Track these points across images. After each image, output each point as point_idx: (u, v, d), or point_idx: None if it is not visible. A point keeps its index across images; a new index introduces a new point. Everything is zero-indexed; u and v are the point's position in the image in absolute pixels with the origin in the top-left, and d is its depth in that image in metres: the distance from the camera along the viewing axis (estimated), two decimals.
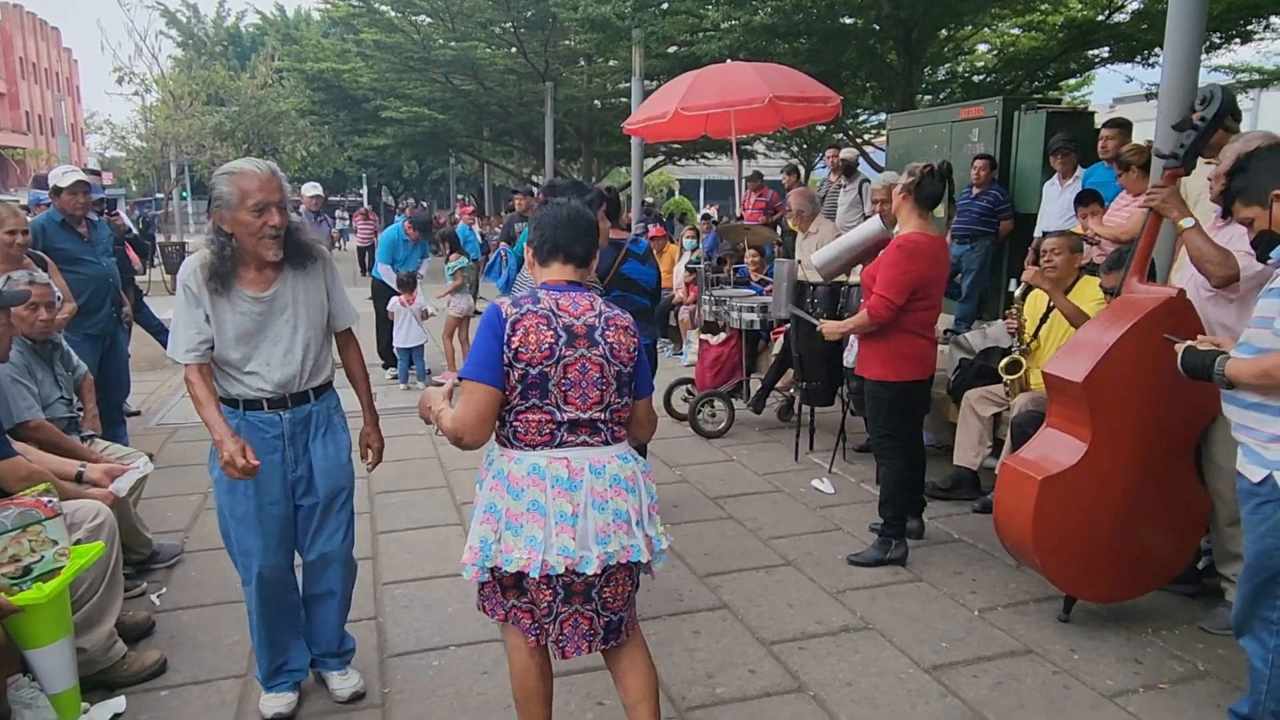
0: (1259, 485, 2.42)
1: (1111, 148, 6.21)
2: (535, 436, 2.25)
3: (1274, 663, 2.43)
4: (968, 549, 4.33)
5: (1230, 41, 12.40)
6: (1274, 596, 2.41)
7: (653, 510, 2.39)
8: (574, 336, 2.23)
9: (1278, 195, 2.43)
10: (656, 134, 7.72)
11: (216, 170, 2.64)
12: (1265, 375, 2.34)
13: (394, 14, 19.31)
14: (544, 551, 2.20)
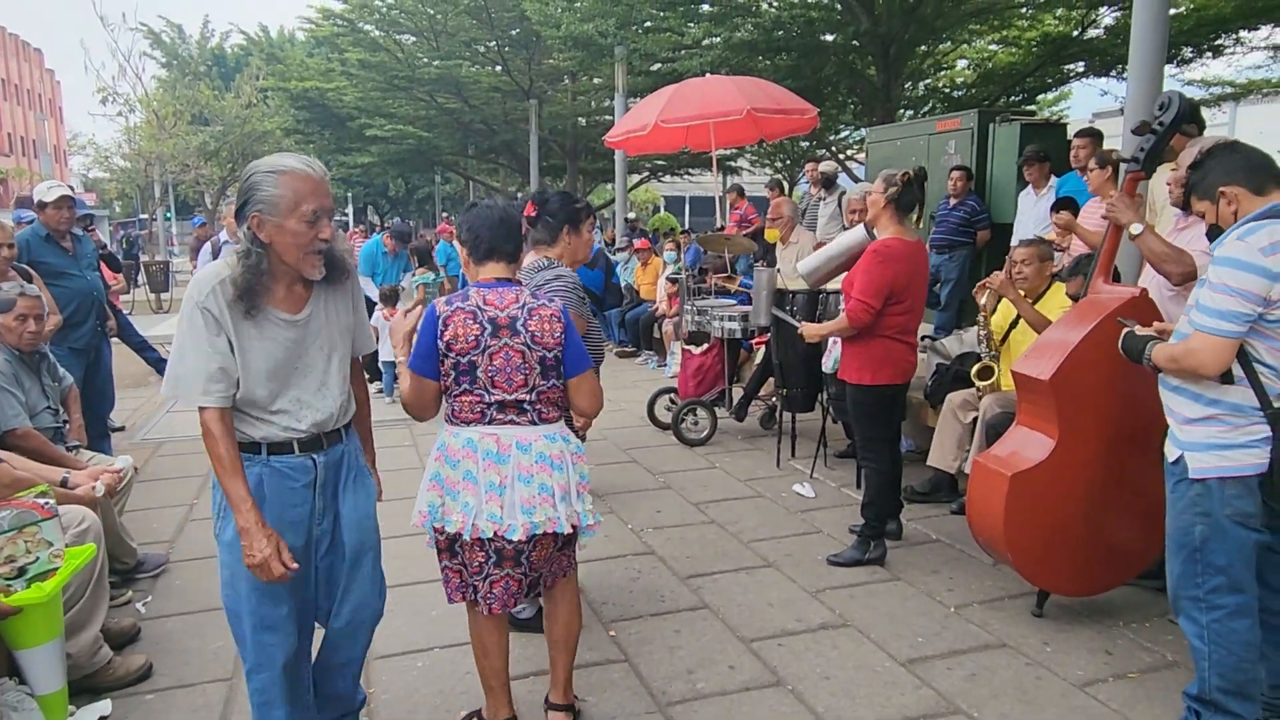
0: (1174, 464, 2.55)
1: (1083, 157, 6.33)
2: (469, 414, 2.52)
3: (1209, 639, 2.51)
4: (945, 549, 4.40)
5: (1201, 55, 12.67)
6: (1196, 574, 2.51)
7: (582, 489, 2.62)
8: (498, 328, 2.49)
9: (1223, 192, 2.52)
10: (637, 146, 7.83)
11: (256, 167, 2.22)
12: (1171, 361, 2.49)
13: (378, 33, 19.48)
14: (474, 516, 2.47)
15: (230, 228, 6.86)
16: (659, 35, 13.30)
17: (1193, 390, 2.50)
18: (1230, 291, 2.34)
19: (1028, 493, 3.35)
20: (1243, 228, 2.40)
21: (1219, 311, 2.37)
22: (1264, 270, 2.32)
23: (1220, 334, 2.37)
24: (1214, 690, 2.52)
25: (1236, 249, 2.36)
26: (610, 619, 3.67)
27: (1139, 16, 4.78)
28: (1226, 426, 2.44)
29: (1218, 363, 2.40)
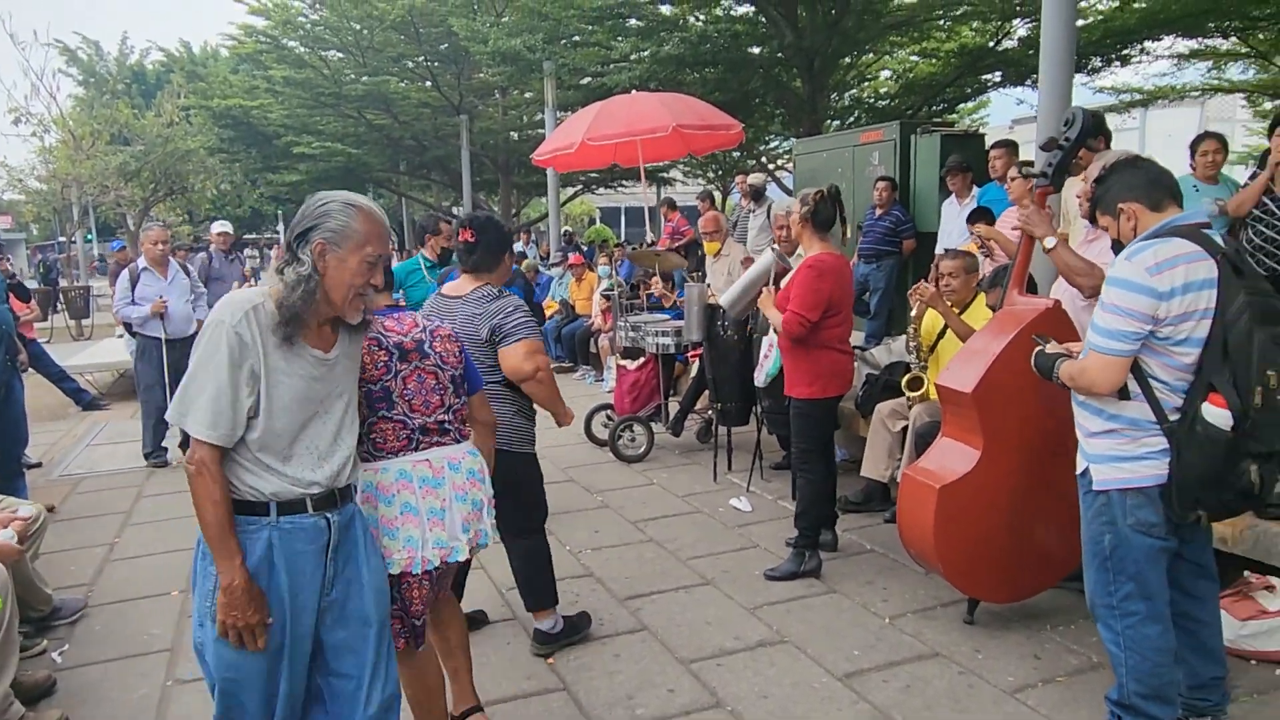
0: (1081, 476, 2.63)
1: (1000, 167, 6.53)
2: (394, 443, 2.48)
3: (1124, 645, 2.58)
4: (879, 559, 4.46)
5: (1110, 65, 13.15)
6: (1108, 582, 2.58)
7: (490, 503, 2.67)
8: (406, 352, 2.48)
9: (1123, 208, 2.59)
10: (565, 164, 7.82)
11: (331, 196, 2.13)
12: (1069, 379, 2.57)
13: (303, 50, 19.16)
14: (421, 548, 2.43)
15: (150, 254, 6.62)
16: (587, 50, 13.33)
17: (1094, 405, 2.57)
18: (1119, 311, 2.40)
19: (955, 504, 3.41)
20: (1132, 247, 2.47)
21: (1109, 331, 2.43)
22: (1150, 290, 2.37)
23: (1111, 353, 2.43)
24: (1132, 695, 2.58)
25: (1124, 269, 2.42)
26: None
27: (1047, 29, 4.93)
28: (1125, 439, 2.51)
29: (1109, 381, 2.46)
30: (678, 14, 13.19)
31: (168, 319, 6.53)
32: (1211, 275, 2.38)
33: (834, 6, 12.14)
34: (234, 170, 26.22)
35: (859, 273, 7.96)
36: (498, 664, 3.49)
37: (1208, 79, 16.53)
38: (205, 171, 25.59)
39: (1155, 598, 2.56)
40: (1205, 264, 2.38)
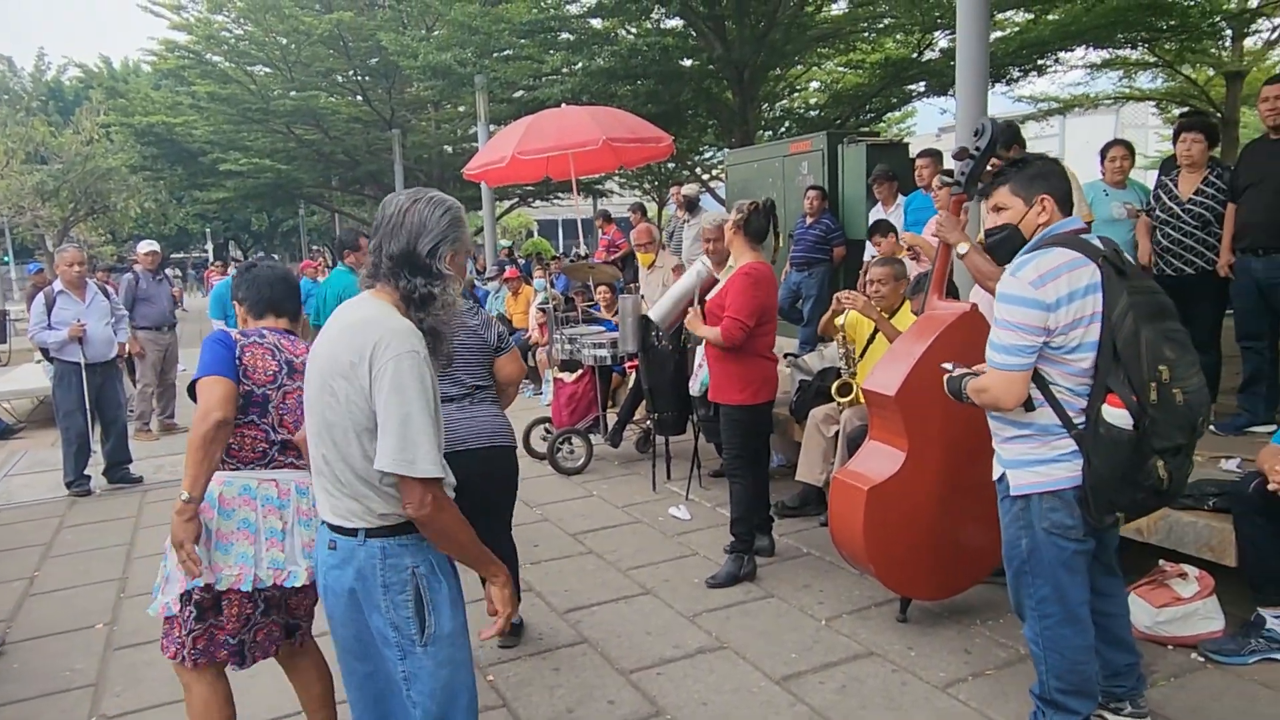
0: (998, 482, 2.67)
1: (926, 176, 6.71)
2: (249, 453, 2.50)
3: (1043, 644, 2.65)
4: (816, 561, 4.53)
5: (1027, 75, 13.61)
6: (1028, 585, 2.64)
7: None
8: (294, 370, 2.52)
9: (1044, 199, 2.58)
10: (497, 178, 7.81)
11: (452, 200, 2.05)
12: (976, 394, 2.59)
13: (228, 65, 18.76)
14: (255, 566, 2.43)
15: (66, 276, 6.40)
16: (518, 64, 13.32)
17: (1005, 415, 2.60)
18: (1011, 327, 2.44)
19: (883, 505, 3.49)
20: (1015, 262, 2.51)
21: (1004, 347, 2.46)
22: (1037, 302, 2.41)
23: (1009, 368, 2.46)
24: (1053, 690, 2.66)
25: (1010, 285, 2.46)
26: (488, 663, 3.60)
27: (963, 42, 5.10)
28: (1037, 443, 2.55)
29: (1011, 396, 2.49)
30: (608, 28, 13.28)
31: (86, 343, 6.33)
32: (1095, 280, 2.42)
33: (762, 20, 12.35)
34: (158, 188, 25.58)
35: (792, 280, 8.09)
36: None
37: (1119, 87, 17.23)
38: (128, 190, 24.93)
39: (1071, 600, 2.61)
40: (1087, 269, 2.42)
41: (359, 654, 2.10)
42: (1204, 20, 12.55)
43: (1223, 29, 13.55)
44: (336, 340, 1.98)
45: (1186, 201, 4.94)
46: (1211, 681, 3.17)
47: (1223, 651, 3.28)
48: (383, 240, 2.00)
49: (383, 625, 1.99)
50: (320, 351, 2.02)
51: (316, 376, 2.01)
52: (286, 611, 2.62)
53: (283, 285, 2.74)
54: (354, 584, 2.00)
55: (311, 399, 2.03)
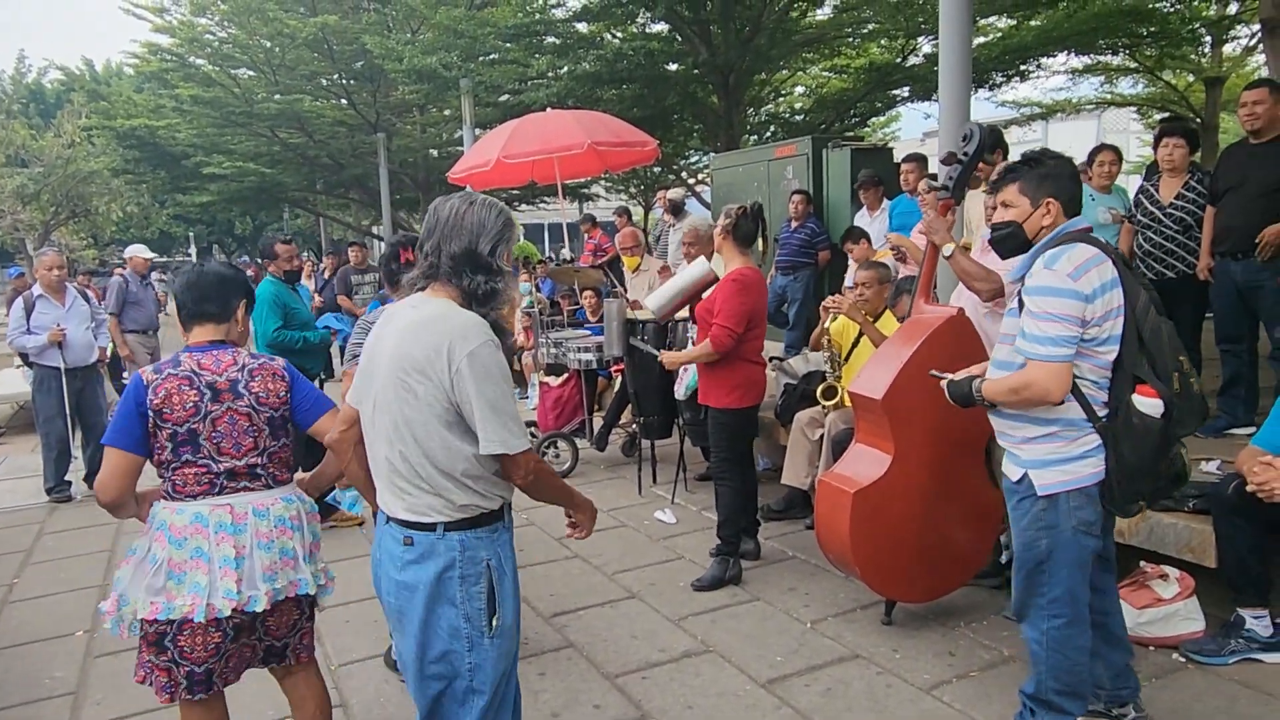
0: (1017, 483, 2.66)
1: (912, 180, 6.75)
2: (195, 487, 2.40)
3: (1047, 644, 2.66)
4: (801, 564, 4.54)
5: (1010, 80, 13.71)
6: (1041, 584, 2.65)
7: (316, 548, 2.59)
8: (218, 392, 2.40)
9: (1049, 202, 2.61)
10: (482, 182, 7.79)
11: (491, 204, 2.16)
12: (1012, 393, 2.56)
13: (211, 68, 18.61)
14: (209, 595, 2.33)
15: (45, 280, 6.34)
16: (504, 67, 13.30)
17: (1033, 414, 2.58)
18: (1055, 318, 2.44)
19: (869, 507, 3.50)
20: (1047, 255, 2.51)
21: (1050, 338, 2.45)
22: (1076, 293, 2.44)
23: (1055, 359, 2.46)
24: (1049, 691, 2.67)
25: (1048, 278, 2.47)
26: None
27: (945, 47, 5.11)
28: (1064, 441, 2.55)
29: (1060, 387, 2.48)
30: (594, 32, 13.28)
31: (66, 347, 6.27)
32: (1114, 275, 2.49)
33: (747, 24, 12.38)
34: (140, 191, 25.34)
35: (777, 284, 8.11)
36: None
37: (1101, 93, 17.39)
38: (110, 193, 24.70)
39: (1080, 600, 2.64)
40: (1107, 264, 2.49)
41: (424, 645, 2.11)
42: (1184, 27, 12.69)
43: (1202, 35, 13.71)
44: (405, 340, 2.05)
45: (1168, 206, 4.99)
46: (1192, 682, 3.20)
47: (1203, 652, 3.31)
48: (440, 241, 2.10)
49: (455, 618, 2.08)
50: (385, 352, 2.09)
51: (387, 377, 2.07)
52: (266, 633, 2.52)
53: (194, 290, 2.51)
54: (431, 578, 2.07)
55: (384, 400, 2.08)
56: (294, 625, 2.57)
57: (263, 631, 2.51)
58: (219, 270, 2.60)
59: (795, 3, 12.46)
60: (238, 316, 2.58)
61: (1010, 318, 2.64)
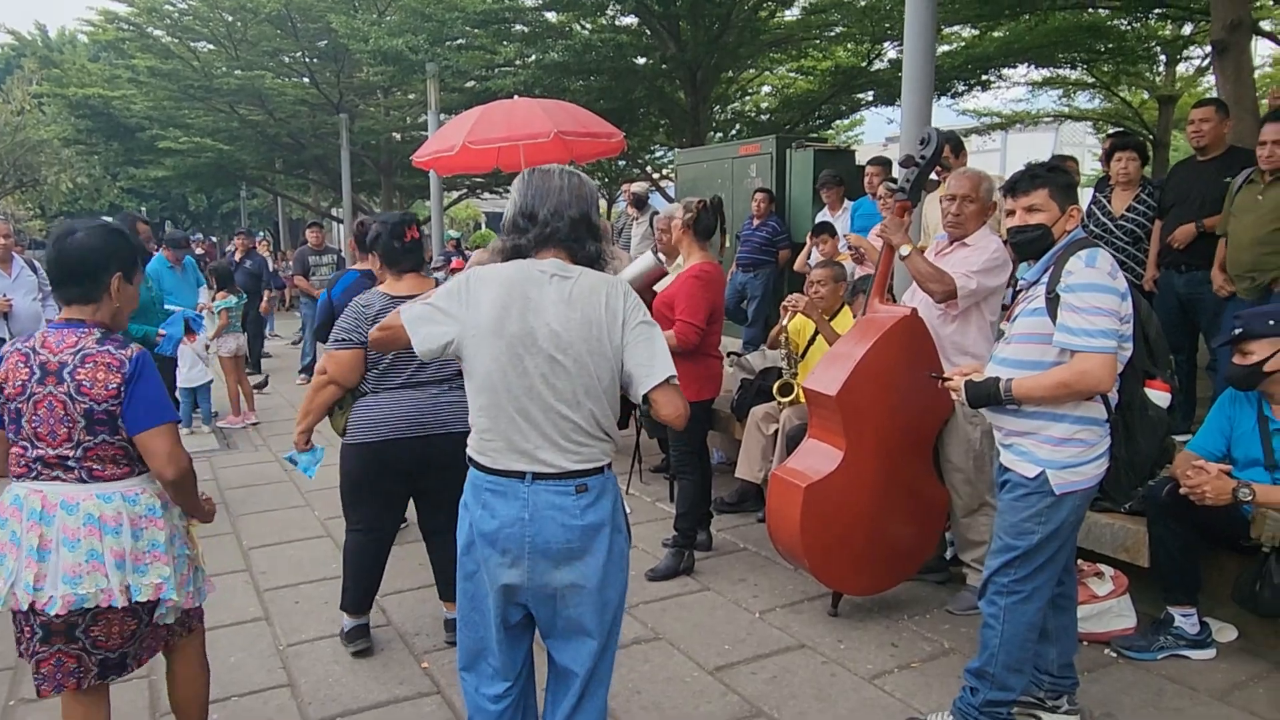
0: (1031, 479, 2.69)
1: (875, 183, 6.85)
2: (17, 468, 2.31)
3: (1004, 620, 2.75)
4: (752, 556, 4.61)
5: (972, 89, 13.95)
6: (1015, 567, 2.74)
7: (145, 559, 2.33)
8: (46, 374, 2.25)
9: (1074, 211, 2.71)
10: (446, 167, 7.75)
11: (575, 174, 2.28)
12: (1061, 386, 2.58)
13: (170, 40, 18.21)
14: (12, 584, 2.24)
15: None
16: (471, 53, 13.21)
17: (1056, 411, 2.65)
18: (1103, 312, 2.52)
19: (820, 502, 3.57)
20: (1082, 255, 2.59)
21: (1101, 331, 2.52)
22: (1115, 290, 2.55)
23: (1107, 350, 2.53)
24: (999, 665, 2.76)
25: (1092, 275, 2.55)
26: (423, 650, 3.61)
27: (909, 53, 5.20)
28: (1084, 446, 2.64)
29: (1111, 377, 2.56)
30: (563, 22, 13.24)
31: (12, 318, 6.11)
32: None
33: (716, 22, 12.44)
34: (92, 163, 24.71)
35: (737, 281, 8.18)
36: (369, 669, 3.45)
37: (1059, 106, 17.76)
38: (60, 163, 24.02)
39: (1048, 583, 2.76)
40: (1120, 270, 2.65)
41: (606, 575, 2.21)
42: (1140, 45, 13.02)
43: (1157, 54, 14.07)
44: (582, 303, 2.13)
45: (1119, 218, 5.14)
46: (1122, 675, 3.32)
47: (1134, 648, 3.44)
48: (559, 208, 2.18)
49: (623, 543, 2.27)
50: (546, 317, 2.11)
51: (575, 343, 2.11)
52: (93, 645, 2.30)
53: (72, 264, 2.29)
54: (608, 515, 2.19)
55: (563, 364, 2.11)
56: (132, 635, 2.37)
57: (89, 643, 2.30)
58: (84, 243, 2.30)
59: (764, 2, 12.55)
60: (111, 292, 2.33)
61: (1033, 318, 2.67)
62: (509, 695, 2.30)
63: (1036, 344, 2.66)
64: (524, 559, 2.15)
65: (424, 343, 2.15)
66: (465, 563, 2.26)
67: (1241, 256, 4.40)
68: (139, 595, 2.29)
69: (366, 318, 3.30)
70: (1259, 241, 4.31)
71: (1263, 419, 3.25)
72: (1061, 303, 2.57)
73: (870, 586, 3.85)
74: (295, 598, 4.14)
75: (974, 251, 3.63)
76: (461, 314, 2.14)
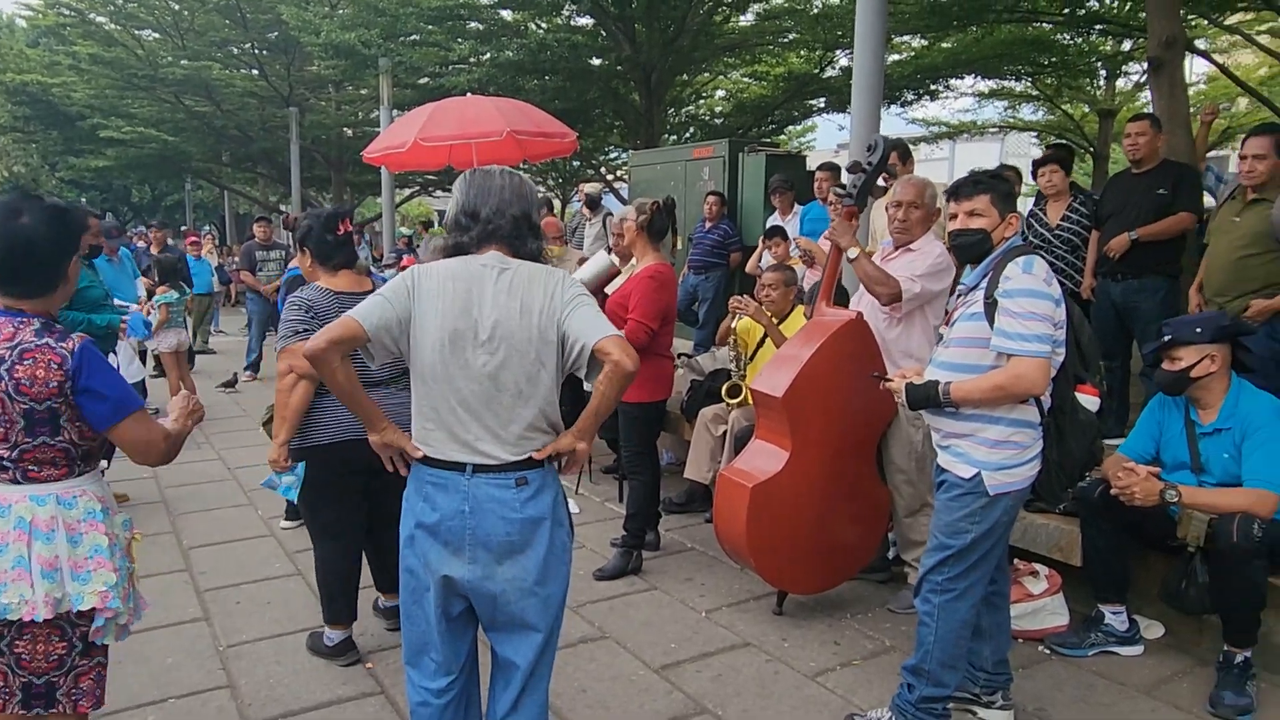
0: (966, 480, 2.75)
1: (825, 188, 6.94)
2: None
3: (939, 616, 2.82)
4: (699, 556, 4.65)
5: (921, 98, 14.22)
6: (949, 566, 2.80)
7: (86, 565, 2.16)
8: None
9: (1013, 218, 2.79)
10: (398, 164, 7.68)
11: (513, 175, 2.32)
12: (997, 389, 2.65)
13: (114, 27, 17.76)
14: None
15: None
16: (426, 49, 13.10)
17: (991, 414, 2.71)
18: (1038, 317, 2.59)
19: (766, 502, 3.62)
20: (1019, 261, 2.66)
21: (1036, 336, 2.59)
22: (1049, 296, 2.62)
23: (1042, 355, 2.59)
24: (934, 661, 2.82)
25: (1027, 280, 2.62)
26: (367, 650, 3.57)
27: (859, 62, 5.31)
28: (1019, 448, 2.71)
29: (1045, 380, 2.63)
30: (518, 21, 13.21)
31: None
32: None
33: (671, 25, 12.51)
34: (29, 151, 24.06)
35: (689, 283, 8.24)
36: (312, 669, 3.41)
37: (1005, 117, 18.18)
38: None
39: (979, 581, 2.82)
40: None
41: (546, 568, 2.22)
42: (1081, 59, 13.39)
43: (1098, 69, 14.48)
44: (528, 295, 2.16)
45: (1055, 228, 5.29)
46: (1055, 672, 3.42)
47: (1066, 644, 3.54)
48: (502, 206, 2.23)
49: (564, 536, 2.27)
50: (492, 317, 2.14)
51: (515, 333, 2.13)
52: (18, 664, 2.12)
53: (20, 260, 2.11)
54: (548, 508, 2.21)
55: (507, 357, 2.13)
56: (60, 662, 2.16)
57: (13, 660, 2.12)
58: (32, 235, 2.11)
59: (719, 7, 12.65)
60: (67, 279, 2.20)
61: (971, 322, 2.73)
62: (451, 690, 2.30)
63: (975, 348, 2.73)
64: (465, 550, 2.16)
65: (376, 327, 2.13)
66: (407, 556, 2.26)
67: (1214, 278, 4.38)
68: (80, 604, 2.11)
69: (316, 310, 3.23)
70: (1232, 265, 4.27)
71: (1189, 423, 3.38)
72: (999, 308, 2.64)
73: (814, 585, 3.90)
74: (237, 598, 4.08)
75: (919, 256, 3.71)
76: (408, 305, 2.15)
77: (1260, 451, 3.14)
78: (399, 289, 2.17)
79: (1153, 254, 4.81)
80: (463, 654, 2.33)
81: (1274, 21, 10.21)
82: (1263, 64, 14.01)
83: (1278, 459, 3.11)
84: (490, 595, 2.20)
